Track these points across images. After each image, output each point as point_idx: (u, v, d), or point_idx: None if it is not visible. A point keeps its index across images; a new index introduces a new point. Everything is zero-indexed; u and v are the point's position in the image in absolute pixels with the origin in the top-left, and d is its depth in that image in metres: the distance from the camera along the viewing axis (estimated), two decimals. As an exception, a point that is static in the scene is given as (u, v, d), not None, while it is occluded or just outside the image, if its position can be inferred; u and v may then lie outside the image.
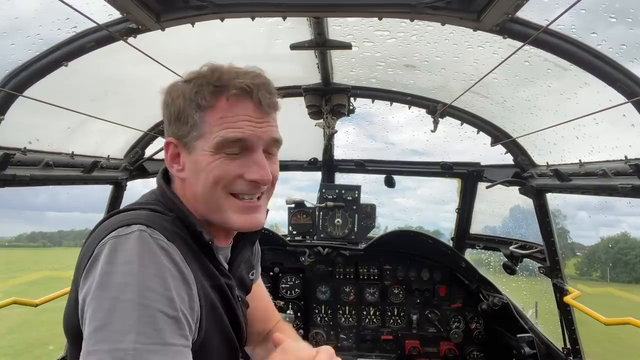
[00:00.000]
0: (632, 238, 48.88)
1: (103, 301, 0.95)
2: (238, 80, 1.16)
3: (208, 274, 1.21)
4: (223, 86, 1.16)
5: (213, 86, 1.16)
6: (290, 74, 3.10)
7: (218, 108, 1.17)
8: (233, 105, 1.17)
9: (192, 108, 1.18)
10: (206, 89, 1.17)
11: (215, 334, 1.21)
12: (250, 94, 1.17)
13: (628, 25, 1.69)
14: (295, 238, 3.91)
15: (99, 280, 0.98)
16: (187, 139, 1.19)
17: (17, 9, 1.79)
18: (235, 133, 1.15)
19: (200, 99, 1.17)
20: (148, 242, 1.04)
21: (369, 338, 3.84)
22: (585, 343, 2.94)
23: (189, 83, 1.20)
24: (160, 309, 0.96)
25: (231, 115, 1.17)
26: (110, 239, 1.05)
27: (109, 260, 1.00)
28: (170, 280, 1.01)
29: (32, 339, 17.47)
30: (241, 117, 1.17)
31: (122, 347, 0.89)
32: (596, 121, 2.11)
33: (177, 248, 1.10)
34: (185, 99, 1.19)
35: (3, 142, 2.05)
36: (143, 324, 0.93)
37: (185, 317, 1.03)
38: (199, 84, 1.18)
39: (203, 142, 1.17)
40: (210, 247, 1.23)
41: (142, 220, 1.09)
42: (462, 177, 3.90)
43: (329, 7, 1.79)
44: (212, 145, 1.16)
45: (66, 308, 1.15)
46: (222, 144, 1.16)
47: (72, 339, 1.12)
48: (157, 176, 1.35)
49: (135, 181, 3.34)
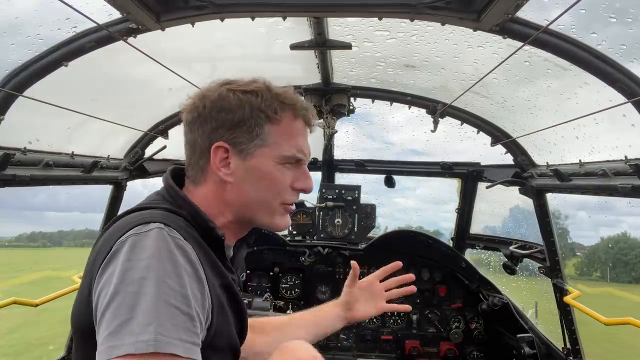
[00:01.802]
0: (632, 238, 48.84)
1: (126, 296, 0.97)
2: (299, 101, 1.35)
3: (218, 272, 1.23)
4: (291, 104, 1.32)
5: (281, 102, 1.31)
6: (290, 74, 3.10)
7: (284, 123, 1.31)
8: (297, 123, 1.34)
9: (260, 118, 1.28)
10: (276, 104, 1.30)
11: (223, 332, 1.22)
12: (308, 116, 1.37)
13: (628, 25, 1.69)
14: (295, 238, 3.92)
15: (119, 275, 1.00)
16: (246, 146, 1.28)
17: (17, 9, 1.79)
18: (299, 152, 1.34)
19: (269, 110, 1.28)
20: (166, 240, 1.07)
21: (369, 338, 3.83)
22: (585, 343, 2.94)
23: (255, 95, 1.28)
24: (176, 305, 0.99)
25: (294, 132, 1.33)
26: (130, 236, 1.07)
27: (129, 256, 1.03)
28: (186, 278, 1.04)
29: (32, 339, 17.46)
30: (302, 137, 1.35)
31: (144, 338, 0.93)
32: (596, 121, 2.11)
33: (191, 247, 1.12)
34: (253, 109, 1.28)
35: (3, 142, 2.05)
36: (163, 318, 0.96)
37: (198, 315, 1.05)
38: (268, 98, 1.29)
39: (267, 151, 1.29)
40: (222, 244, 1.27)
41: (160, 219, 1.12)
42: (462, 177, 3.90)
43: (329, 7, 1.79)
44: (279, 157, 1.30)
45: (76, 304, 1.16)
46: (288, 158, 1.31)
47: (81, 334, 1.13)
48: (164, 176, 1.36)
49: (135, 181, 3.34)
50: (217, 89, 1.31)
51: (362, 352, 3.82)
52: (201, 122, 1.30)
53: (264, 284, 3.88)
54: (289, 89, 1.36)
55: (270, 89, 1.31)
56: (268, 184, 1.30)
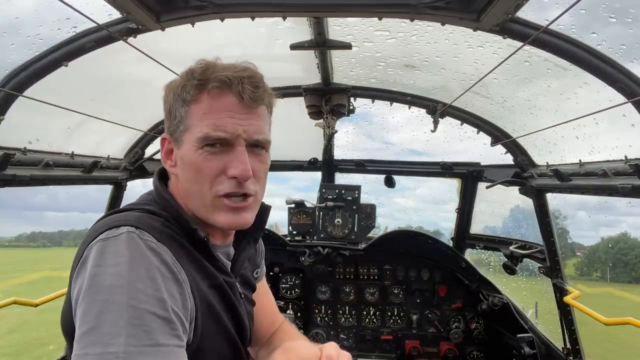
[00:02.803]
0: (632, 238, 48.87)
1: (92, 304, 0.94)
2: (220, 73, 1.16)
3: (205, 273, 1.20)
4: (206, 79, 1.16)
5: (197, 80, 1.16)
6: (290, 74, 3.10)
7: (201, 102, 1.17)
8: (215, 99, 1.16)
9: (178, 102, 1.20)
10: (190, 83, 1.17)
11: (214, 334, 1.20)
12: (231, 87, 1.15)
13: (628, 25, 1.69)
14: (295, 238, 3.91)
15: (88, 282, 0.97)
16: (177, 134, 1.21)
17: (17, 9, 1.78)
18: (216, 129, 1.14)
19: (185, 93, 1.18)
20: (137, 243, 1.03)
21: (369, 338, 3.84)
22: (585, 343, 2.94)
23: (178, 80, 1.23)
24: (150, 310, 0.95)
25: (214, 109, 1.16)
26: (99, 241, 1.04)
27: (97, 262, 1.00)
28: (160, 280, 1.01)
29: (32, 339, 17.46)
30: (224, 112, 1.16)
31: (112, 350, 0.89)
32: (596, 121, 2.11)
33: (168, 249, 1.09)
34: (175, 94, 1.21)
35: (3, 142, 2.05)
36: (133, 326, 0.92)
37: (178, 316, 1.02)
38: (186, 79, 1.19)
39: (189, 136, 1.18)
40: (207, 245, 1.23)
41: (131, 222, 1.09)
42: (462, 177, 3.90)
43: (329, 7, 1.79)
44: (195, 140, 1.16)
45: (63, 308, 1.15)
46: (204, 139, 1.15)
47: (69, 339, 1.12)
48: (153, 176, 1.35)
49: (135, 181, 3.34)
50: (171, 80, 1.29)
51: (362, 352, 3.82)
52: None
53: None
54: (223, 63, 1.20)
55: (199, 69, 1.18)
56: (193, 172, 1.17)
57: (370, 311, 3.87)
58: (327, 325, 3.91)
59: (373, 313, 3.86)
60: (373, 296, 3.85)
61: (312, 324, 3.91)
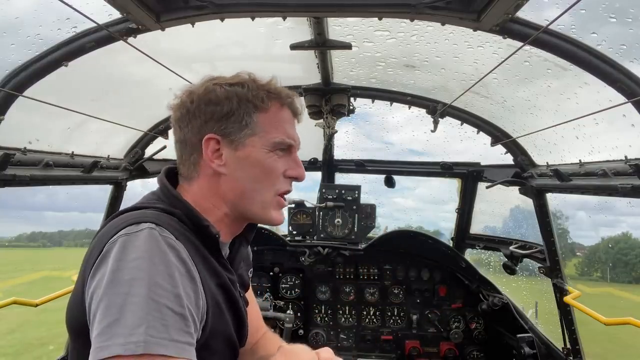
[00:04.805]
0: (632, 238, 48.87)
1: (115, 297, 0.97)
2: (284, 90, 1.36)
3: (213, 272, 1.23)
4: (277, 93, 1.33)
5: (267, 91, 1.32)
6: (290, 74, 3.10)
7: (269, 112, 1.32)
8: (282, 111, 1.35)
9: (248, 108, 1.29)
10: (262, 93, 1.31)
11: (219, 334, 1.22)
12: (291, 104, 1.37)
13: (628, 25, 1.69)
14: (295, 238, 3.91)
15: (109, 276, 1.00)
16: (235, 136, 1.29)
17: (17, 9, 1.79)
18: (289, 137, 1.34)
19: (257, 100, 1.30)
20: (157, 240, 1.06)
21: (369, 338, 3.84)
22: (585, 343, 2.94)
23: (241, 87, 1.30)
24: (168, 305, 0.99)
25: (283, 120, 1.34)
26: (121, 236, 1.07)
27: (119, 257, 1.02)
28: (178, 277, 1.04)
29: (32, 339, 17.47)
30: (288, 124, 1.36)
31: (133, 340, 0.93)
32: (596, 121, 2.11)
33: (184, 247, 1.12)
34: (241, 99, 1.29)
35: (3, 142, 2.05)
36: (153, 318, 0.95)
37: (192, 314, 1.05)
38: (255, 88, 1.31)
39: (256, 139, 1.30)
40: (216, 241, 1.26)
41: (152, 219, 1.12)
42: (462, 177, 3.90)
43: (329, 7, 1.79)
44: (270, 144, 1.30)
45: (70, 302, 1.16)
46: (278, 144, 1.32)
47: (76, 333, 1.14)
48: (159, 176, 1.36)
49: (135, 181, 3.34)
50: (203, 85, 1.33)
51: (362, 352, 3.82)
52: (190, 118, 1.30)
53: (264, 284, 3.89)
54: (273, 79, 1.38)
55: (256, 80, 1.34)
56: (260, 171, 1.30)
57: (370, 311, 3.87)
58: (327, 325, 3.91)
59: (373, 313, 3.86)
60: (373, 296, 3.85)
61: (312, 324, 3.91)
